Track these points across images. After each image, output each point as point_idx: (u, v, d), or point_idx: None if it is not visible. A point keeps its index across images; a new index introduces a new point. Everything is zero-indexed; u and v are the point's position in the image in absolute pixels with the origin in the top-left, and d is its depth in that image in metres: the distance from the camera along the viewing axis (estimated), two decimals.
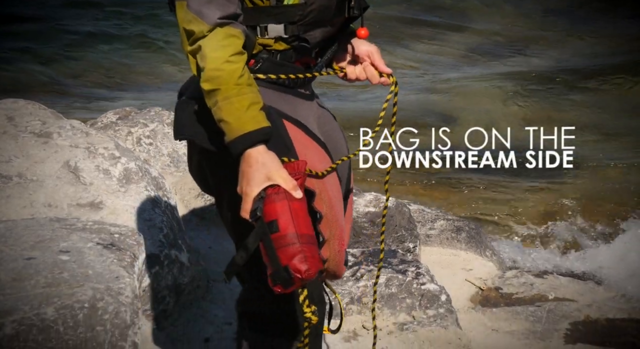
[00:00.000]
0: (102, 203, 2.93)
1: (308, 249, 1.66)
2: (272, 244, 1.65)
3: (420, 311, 3.15)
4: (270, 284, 1.67)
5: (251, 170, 1.66)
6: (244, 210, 1.68)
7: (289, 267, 1.63)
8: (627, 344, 3.20)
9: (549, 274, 3.79)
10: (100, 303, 2.11)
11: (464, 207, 5.40)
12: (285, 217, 1.65)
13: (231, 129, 1.66)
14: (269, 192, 1.67)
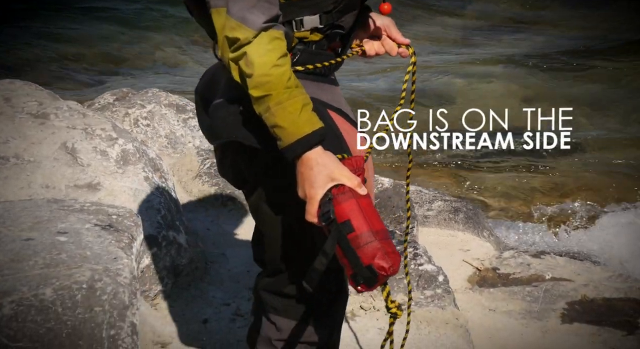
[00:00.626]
0: (100, 184, 2.93)
1: (387, 245, 1.63)
2: (350, 245, 1.62)
3: (418, 292, 3.16)
4: (353, 284, 1.64)
5: (313, 173, 1.63)
6: (310, 214, 1.65)
7: (372, 266, 1.60)
8: (623, 323, 3.22)
9: (546, 255, 3.80)
10: (99, 284, 2.12)
11: (462, 189, 5.41)
12: (357, 216, 1.62)
13: (287, 134, 1.62)
14: (334, 193, 1.63)
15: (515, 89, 7.37)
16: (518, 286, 3.49)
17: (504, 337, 3.07)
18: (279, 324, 1.90)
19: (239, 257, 3.32)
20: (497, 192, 5.38)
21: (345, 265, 1.64)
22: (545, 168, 5.76)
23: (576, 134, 6.15)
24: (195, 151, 4.20)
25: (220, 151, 1.91)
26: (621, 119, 6.78)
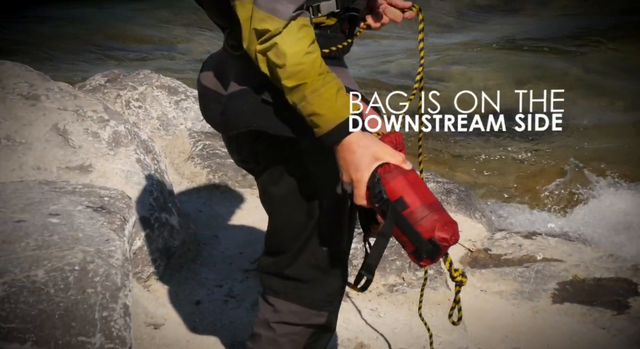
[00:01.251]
0: (92, 166, 2.92)
1: (443, 215, 1.62)
2: (408, 222, 1.60)
3: (410, 273, 3.17)
4: (415, 260, 1.64)
5: (356, 156, 1.61)
6: (359, 197, 1.63)
7: (433, 239, 1.60)
8: (613, 302, 3.24)
9: (537, 235, 3.81)
10: (91, 266, 2.11)
11: (454, 170, 5.42)
12: (408, 192, 1.61)
13: (326, 121, 1.60)
14: (381, 172, 1.62)
15: (507, 71, 7.37)
16: (509, 266, 3.50)
17: (495, 317, 3.09)
18: (278, 307, 1.91)
19: (232, 239, 3.33)
20: (489, 173, 5.40)
21: (405, 242, 1.63)
22: (537, 150, 5.77)
23: (568, 115, 6.16)
24: (188, 133, 4.19)
25: (236, 140, 1.89)
26: (613, 100, 6.79)
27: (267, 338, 1.92)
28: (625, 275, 3.42)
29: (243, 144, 1.86)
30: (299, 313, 1.89)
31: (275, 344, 1.91)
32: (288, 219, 1.85)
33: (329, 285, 1.89)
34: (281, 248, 1.89)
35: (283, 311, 1.90)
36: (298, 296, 1.88)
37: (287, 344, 1.91)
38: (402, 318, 2.89)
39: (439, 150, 5.64)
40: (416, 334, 2.76)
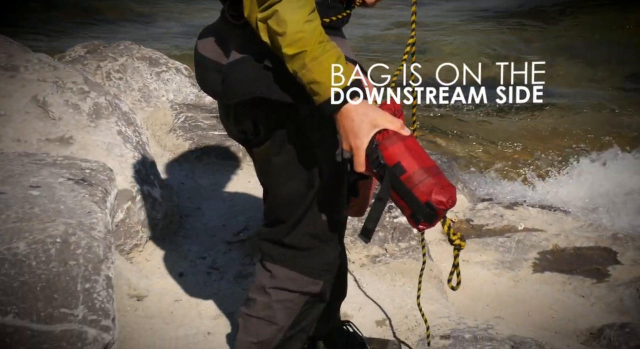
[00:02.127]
0: (72, 138, 2.90)
1: (440, 179, 1.65)
2: (405, 186, 1.62)
3: (393, 244, 3.19)
4: (413, 224, 1.66)
5: (355, 123, 1.63)
6: (359, 164, 1.65)
7: (430, 202, 1.61)
8: (593, 271, 3.27)
9: (518, 206, 3.84)
10: (73, 238, 2.11)
11: (436, 142, 5.43)
12: (406, 157, 1.63)
13: (325, 89, 1.61)
14: (379, 139, 1.64)
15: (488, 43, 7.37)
16: (491, 237, 3.53)
17: (477, 287, 3.12)
18: (275, 272, 1.92)
19: (214, 211, 3.33)
20: (471, 145, 5.41)
21: (403, 207, 1.66)
22: (518, 121, 5.79)
23: (549, 87, 6.18)
24: (169, 105, 4.17)
25: (235, 109, 1.88)
26: (594, 72, 6.82)
27: (261, 303, 1.95)
28: (605, 244, 3.46)
29: (243, 113, 1.86)
30: (295, 280, 1.91)
31: (270, 310, 1.93)
32: (288, 188, 1.86)
33: (326, 254, 1.91)
34: (281, 218, 1.90)
35: (280, 277, 1.92)
36: (296, 264, 1.90)
37: (281, 310, 1.93)
38: (385, 288, 2.91)
39: (421, 122, 5.64)
40: (398, 305, 2.78)
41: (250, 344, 1.96)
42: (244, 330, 1.99)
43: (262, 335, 1.95)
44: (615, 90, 6.45)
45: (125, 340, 2.44)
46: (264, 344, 1.96)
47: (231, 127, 1.95)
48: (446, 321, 2.63)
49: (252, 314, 1.97)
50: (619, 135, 5.44)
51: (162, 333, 2.52)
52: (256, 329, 1.96)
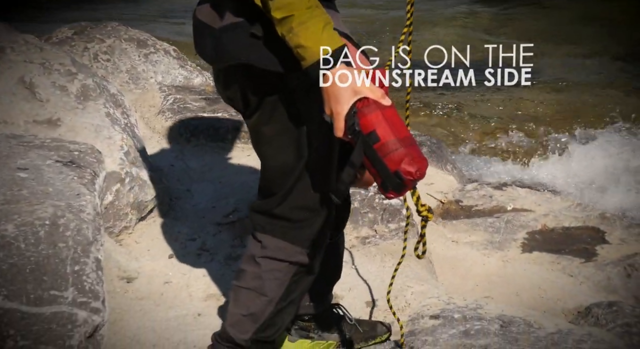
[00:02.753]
0: (60, 120, 2.89)
1: (413, 151, 1.67)
2: (377, 154, 1.66)
3: (382, 225, 3.19)
4: (382, 192, 1.69)
5: (337, 89, 1.66)
6: (338, 129, 1.68)
7: (399, 171, 1.64)
8: (581, 251, 3.30)
9: (507, 186, 3.85)
10: (62, 220, 2.10)
11: (425, 123, 5.43)
12: (382, 126, 1.66)
13: (311, 53, 1.64)
14: (359, 106, 1.66)
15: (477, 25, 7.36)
16: (480, 217, 3.54)
17: (466, 267, 3.13)
18: (265, 242, 1.94)
19: (204, 192, 3.32)
20: (459, 126, 5.42)
21: (374, 174, 1.69)
22: (507, 102, 5.80)
23: (537, 69, 6.18)
24: (158, 87, 4.15)
25: (224, 74, 1.91)
26: (582, 54, 6.82)
27: (251, 273, 1.96)
28: (593, 223, 3.48)
29: (232, 80, 1.88)
30: (285, 249, 1.93)
31: (259, 280, 1.95)
32: (278, 159, 1.88)
33: (316, 225, 1.92)
34: (272, 189, 1.92)
35: (270, 247, 1.94)
36: (286, 234, 1.92)
37: (270, 281, 1.94)
38: (375, 269, 2.92)
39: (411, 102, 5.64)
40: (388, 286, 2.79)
41: (241, 317, 1.98)
42: (234, 302, 2.01)
43: (251, 307, 1.97)
44: (604, 70, 6.46)
45: (116, 322, 2.44)
46: (254, 317, 1.97)
47: (221, 92, 1.97)
48: (435, 301, 2.65)
49: (242, 286, 1.98)
50: (607, 115, 5.46)
51: (152, 315, 2.52)
52: (246, 301, 1.97)
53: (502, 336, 2.33)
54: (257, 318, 1.98)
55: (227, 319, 2.01)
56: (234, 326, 1.99)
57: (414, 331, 2.46)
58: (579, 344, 2.25)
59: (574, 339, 2.28)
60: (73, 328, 1.91)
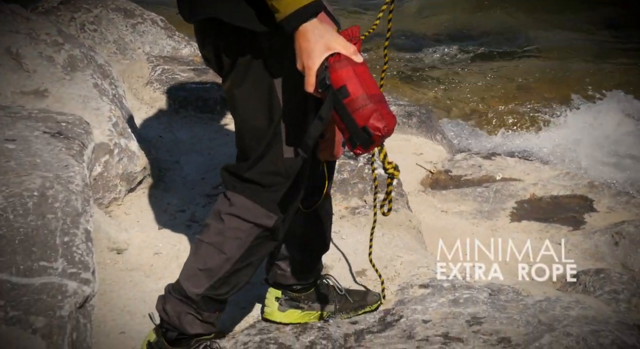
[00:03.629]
0: (47, 91, 2.86)
1: (381, 107, 1.67)
2: (347, 109, 1.66)
3: (372, 195, 3.20)
4: (350, 147, 1.70)
5: (310, 44, 1.65)
6: (308, 84, 1.67)
7: (367, 127, 1.65)
8: (569, 219, 3.32)
9: (496, 156, 3.86)
10: (50, 191, 2.10)
11: (415, 93, 5.42)
12: (352, 82, 1.66)
13: (285, 5, 1.63)
14: (331, 61, 1.66)
15: None
16: (469, 187, 3.55)
17: (455, 237, 3.14)
18: (233, 200, 1.94)
19: (193, 164, 3.31)
20: (449, 96, 5.41)
21: (343, 130, 1.69)
22: (496, 72, 5.79)
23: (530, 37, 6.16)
24: (146, 58, 4.11)
25: (201, 32, 1.90)
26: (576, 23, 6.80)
27: (215, 229, 1.97)
28: (581, 192, 3.50)
29: (206, 38, 1.87)
30: (251, 209, 1.93)
31: (222, 236, 1.95)
32: (250, 123, 1.88)
33: (284, 191, 1.92)
34: (245, 153, 1.93)
35: (236, 205, 1.94)
36: (255, 195, 1.92)
37: (232, 240, 1.94)
38: (364, 239, 2.92)
39: (401, 72, 5.62)
40: (378, 255, 2.80)
41: (197, 271, 1.98)
42: (193, 255, 2.01)
43: (209, 263, 1.97)
44: (592, 40, 6.45)
45: (106, 293, 2.44)
46: (210, 272, 1.97)
47: (201, 52, 1.96)
48: (425, 271, 2.66)
49: (203, 240, 1.99)
50: (597, 84, 5.46)
51: (142, 286, 2.53)
52: (205, 255, 1.98)
53: (490, 304, 2.35)
54: (213, 274, 1.98)
55: (183, 272, 2.01)
56: (188, 279, 1.99)
57: (403, 300, 2.48)
58: (567, 311, 2.27)
59: (561, 306, 2.30)
60: (63, 298, 1.91)
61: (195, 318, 2.01)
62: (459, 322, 2.24)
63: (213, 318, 2.04)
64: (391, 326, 2.29)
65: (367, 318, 2.40)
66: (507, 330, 2.17)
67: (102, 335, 2.27)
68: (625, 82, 5.45)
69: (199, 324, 2.02)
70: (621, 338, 2.11)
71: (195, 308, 2.00)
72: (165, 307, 2.02)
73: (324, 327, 2.31)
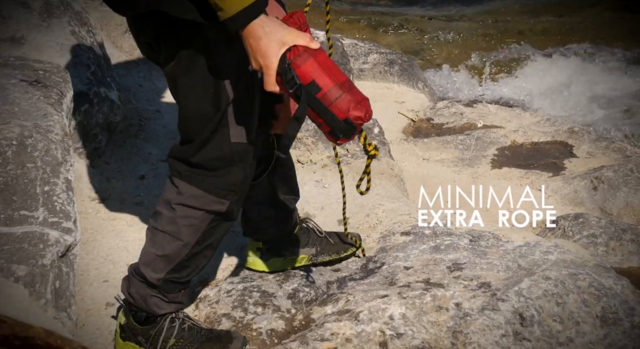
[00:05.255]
0: (24, 38, 2.81)
1: (355, 94, 1.64)
2: (322, 104, 1.62)
3: (354, 144, 3.20)
4: (332, 139, 1.66)
5: (262, 43, 1.57)
6: (269, 84, 1.61)
7: (348, 118, 1.62)
8: (550, 165, 3.34)
9: (478, 103, 3.86)
10: (29, 140, 2.08)
11: (396, 41, 5.39)
12: (320, 74, 1.61)
13: (230, 4, 1.54)
14: (290, 57, 1.60)
15: None
16: (451, 135, 3.56)
17: (437, 184, 3.16)
18: (181, 189, 1.90)
19: (174, 113, 3.27)
20: (431, 43, 5.38)
21: (321, 123, 1.65)
22: (478, 19, 5.76)
23: None
24: None
25: (138, 25, 1.81)
26: None
27: (167, 218, 1.93)
28: (562, 138, 3.51)
29: (145, 29, 1.78)
30: (200, 198, 1.89)
31: (175, 225, 1.92)
32: (195, 109, 1.81)
33: (233, 175, 1.88)
34: (189, 136, 1.87)
35: (185, 194, 1.90)
36: (201, 182, 1.88)
37: (186, 227, 1.91)
38: (346, 188, 2.94)
39: (381, 20, 5.57)
40: (360, 204, 2.81)
41: (155, 257, 1.95)
42: (150, 242, 1.97)
43: (167, 249, 1.94)
44: None
45: (88, 242, 2.44)
46: (169, 258, 1.95)
47: (136, 42, 1.87)
48: (406, 218, 2.68)
49: (157, 228, 1.95)
50: (577, 31, 5.45)
51: (124, 235, 2.53)
52: (161, 243, 1.94)
53: (471, 250, 2.37)
54: (172, 259, 1.95)
55: (141, 258, 1.98)
56: (148, 265, 1.96)
57: (385, 247, 2.50)
58: (546, 255, 2.30)
59: (540, 251, 2.33)
60: (45, 247, 1.91)
61: (161, 300, 2.00)
62: (440, 268, 2.27)
63: (179, 297, 2.02)
64: (373, 273, 2.32)
65: (350, 265, 2.42)
66: (487, 275, 2.20)
67: (86, 284, 2.28)
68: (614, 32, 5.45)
69: (166, 304, 2.01)
70: (598, 281, 2.15)
71: (158, 290, 1.98)
72: (130, 290, 2.00)
73: (307, 275, 2.33)
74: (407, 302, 2.06)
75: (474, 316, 2.01)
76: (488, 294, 2.08)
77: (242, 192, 1.94)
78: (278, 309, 2.17)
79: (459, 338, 1.95)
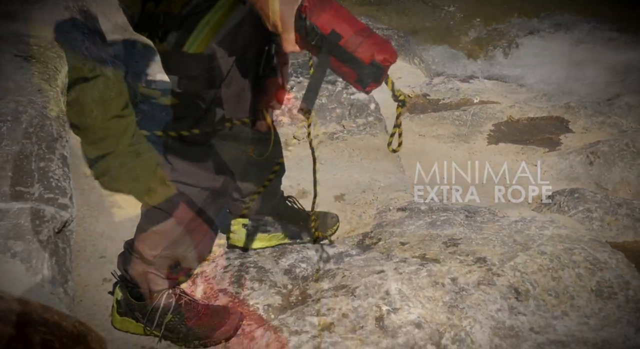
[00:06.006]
0: (18, 14, 2.79)
1: (377, 38, 1.63)
2: (347, 51, 1.61)
3: (350, 120, 3.20)
4: (360, 87, 1.65)
5: (275, 2, 1.58)
6: (289, 43, 1.61)
7: (375, 61, 1.61)
8: (545, 140, 3.34)
9: (474, 79, 3.85)
10: (24, 116, 2.07)
11: (392, 16, 5.36)
12: (338, 23, 1.61)
13: None
14: (306, 12, 1.60)
15: None
16: (447, 111, 3.55)
17: (433, 160, 3.17)
18: (175, 165, 1.91)
19: (168, 89, 3.27)
20: (427, 19, 5.36)
21: (347, 73, 1.65)
22: None
23: None
24: None
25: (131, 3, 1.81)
26: None
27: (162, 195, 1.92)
28: (558, 113, 3.51)
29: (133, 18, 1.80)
30: (195, 174, 1.90)
31: (169, 202, 1.92)
32: (189, 86, 1.81)
33: (227, 152, 1.89)
34: (183, 114, 1.87)
35: (179, 170, 1.90)
36: (197, 160, 1.89)
37: (180, 204, 1.91)
38: (343, 164, 2.94)
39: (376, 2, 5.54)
40: (356, 180, 2.81)
41: (150, 233, 1.96)
42: (145, 218, 1.98)
43: (162, 225, 1.94)
44: None
45: (85, 218, 2.44)
46: (164, 235, 1.96)
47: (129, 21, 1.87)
48: (402, 194, 2.68)
49: (153, 205, 1.95)
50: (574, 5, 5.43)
51: (121, 211, 2.53)
52: (157, 219, 1.95)
53: (467, 226, 2.38)
54: (167, 236, 1.96)
55: (137, 234, 1.99)
56: (143, 242, 1.97)
57: (381, 223, 2.50)
58: (541, 230, 2.31)
59: (536, 226, 2.34)
60: (41, 223, 1.91)
61: (157, 276, 2.00)
62: (436, 244, 2.27)
63: (175, 272, 2.03)
64: (369, 249, 2.32)
65: (346, 241, 2.43)
66: (482, 250, 2.20)
67: (82, 259, 2.28)
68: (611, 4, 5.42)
69: (162, 280, 2.01)
70: (593, 255, 2.16)
71: (154, 267, 1.98)
72: (126, 267, 2.00)
73: (303, 250, 2.33)
74: (403, 277, 2.07)
75: (470, 290, 2.02)
76: (484, 269, 2.09)
77: (237, 167, 1.94)
78: (275, 285, 2.18)
79: (455, 312, 1.96)
